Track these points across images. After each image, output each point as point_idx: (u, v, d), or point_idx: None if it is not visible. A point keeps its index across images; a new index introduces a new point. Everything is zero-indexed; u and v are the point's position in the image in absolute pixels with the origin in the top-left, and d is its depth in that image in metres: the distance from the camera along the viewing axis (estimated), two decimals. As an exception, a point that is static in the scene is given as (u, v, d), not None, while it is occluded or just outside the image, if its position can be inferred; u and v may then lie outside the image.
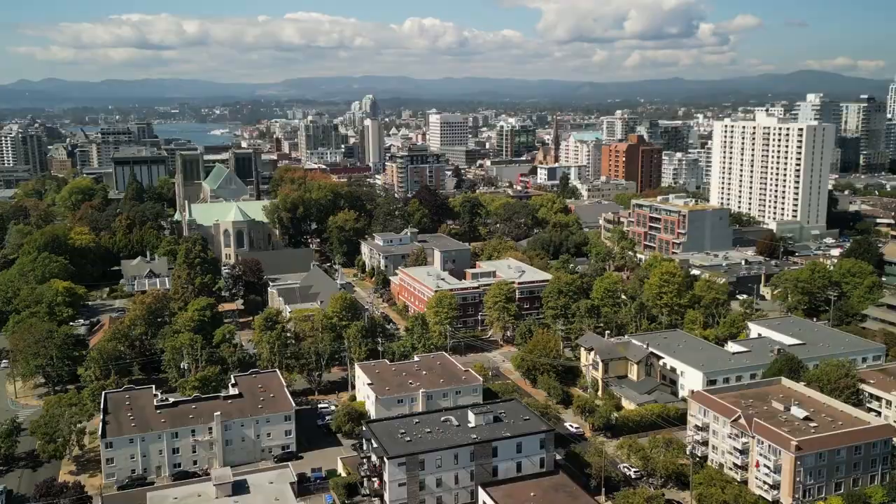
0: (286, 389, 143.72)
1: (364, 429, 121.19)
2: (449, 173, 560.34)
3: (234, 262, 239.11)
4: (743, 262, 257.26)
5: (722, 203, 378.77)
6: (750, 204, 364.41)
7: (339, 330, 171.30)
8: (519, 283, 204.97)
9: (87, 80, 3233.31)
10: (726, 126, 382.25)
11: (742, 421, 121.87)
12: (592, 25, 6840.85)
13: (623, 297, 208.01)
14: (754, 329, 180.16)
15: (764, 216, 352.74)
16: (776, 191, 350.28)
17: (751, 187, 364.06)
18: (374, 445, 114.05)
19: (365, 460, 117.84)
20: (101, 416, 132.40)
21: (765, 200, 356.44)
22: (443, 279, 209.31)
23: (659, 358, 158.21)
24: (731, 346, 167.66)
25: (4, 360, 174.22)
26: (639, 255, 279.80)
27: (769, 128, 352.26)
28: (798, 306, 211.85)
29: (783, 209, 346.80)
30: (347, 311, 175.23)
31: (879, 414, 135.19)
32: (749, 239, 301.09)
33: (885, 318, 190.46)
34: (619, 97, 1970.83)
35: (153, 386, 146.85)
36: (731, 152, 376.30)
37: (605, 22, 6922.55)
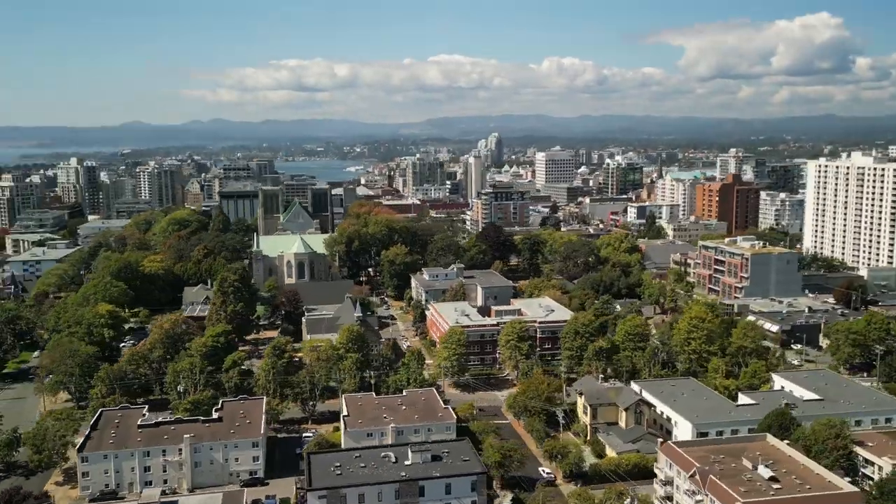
0: (263, 416, 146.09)
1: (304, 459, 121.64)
2: (546, 209, 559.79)
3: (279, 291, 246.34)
4: (806, 310, 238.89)
5: (815, 247, 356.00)
6: (844, 248, 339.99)
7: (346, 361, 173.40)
8: (540, 323, 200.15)
9: (250, 120, 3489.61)
10: (820, 166, 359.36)
11: (697, 477, 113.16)
12: (737, 62, 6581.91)
13: (656, 341, 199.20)
14: (778, 381, 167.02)
15: (858, 262, 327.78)
16: (870, 235, 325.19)
17: (845, 231, 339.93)
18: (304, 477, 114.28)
19: (300, 491, 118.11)
20: (87, 432, 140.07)
21: (859, 245, 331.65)
22: (467, 315, 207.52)
23: (650, 406, 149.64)
24: (742, 398, 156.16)
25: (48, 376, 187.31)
26: (698, 299, 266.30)
27: (863, 168, 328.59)
28: (850, 359, 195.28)
29: (878, 255, 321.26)
30: (354, 343, 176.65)
31: (872, 480, 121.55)
32: (827, 286, 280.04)
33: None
34: (763, 134, 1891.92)
35: (146, 406, 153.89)
36: (824, 193, 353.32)
37: (751, 58, 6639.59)
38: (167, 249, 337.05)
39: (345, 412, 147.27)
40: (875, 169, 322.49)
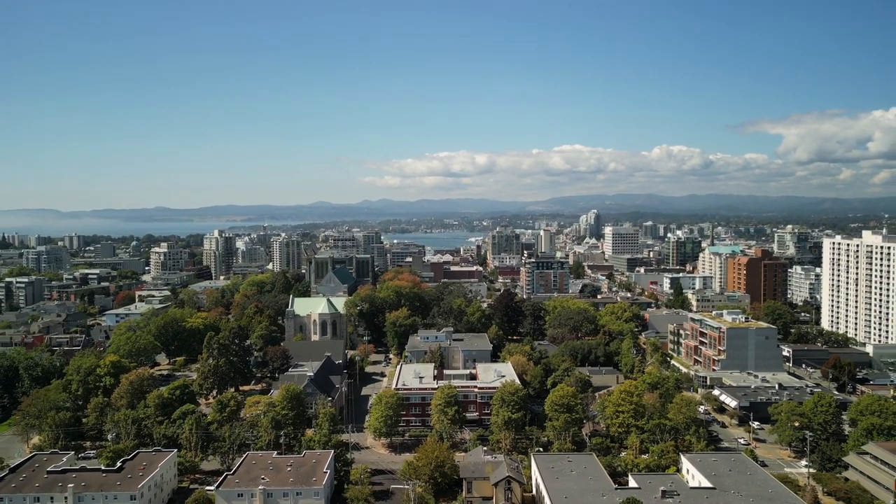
0: (158, 468, 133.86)
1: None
2: (603, 278, 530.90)
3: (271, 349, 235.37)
4: (777, 387, 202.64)
5: (832, 322, 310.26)
6: (857, 325, 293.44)
7: (280, 418, 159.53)
8: (479, 389, 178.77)
9: (407, 200, 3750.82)
10: (834, 244, 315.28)
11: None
12: (835, 147, 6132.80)
13: (595, 411, 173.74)
14: (685, 463, 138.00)
15: (869, 338, 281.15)
16: (879, 312, 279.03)
17: (857, 307, 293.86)
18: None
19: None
20: (2, 475, 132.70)
21: (870, 322, 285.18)
22: (421, 377, 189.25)
23: (521, 483, 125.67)
24: (631, 481, 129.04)
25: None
26: (684, 369, 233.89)
27: (872, 246, 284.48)
28: (792, 441, 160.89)
29: (887, 332, 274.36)
30: (289, 402, 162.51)
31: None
32: (815, 362, 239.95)
33: (863, 470, 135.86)
34: (861, 212, 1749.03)
35: (73, 452, 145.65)
36: (838, 271, 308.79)
37: (848, 144, 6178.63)
38: (235, 307, 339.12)
39: (231, 470, 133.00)
40: (882, 247, 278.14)
